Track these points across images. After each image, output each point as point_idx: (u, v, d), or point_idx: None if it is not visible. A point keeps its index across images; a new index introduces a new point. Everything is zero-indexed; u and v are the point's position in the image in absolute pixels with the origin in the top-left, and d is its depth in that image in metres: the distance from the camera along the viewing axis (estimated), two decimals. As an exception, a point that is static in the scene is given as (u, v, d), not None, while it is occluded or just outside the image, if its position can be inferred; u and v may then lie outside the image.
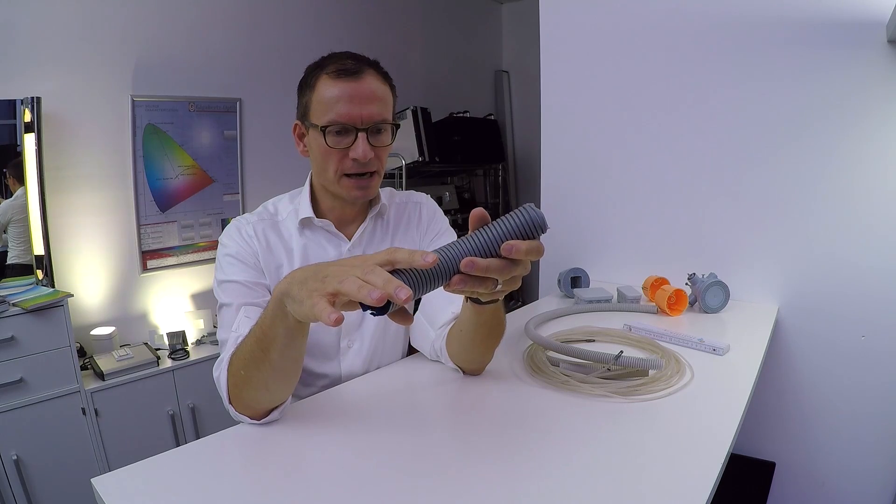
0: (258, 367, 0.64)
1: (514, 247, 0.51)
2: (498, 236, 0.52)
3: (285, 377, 0.66)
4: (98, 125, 1.96)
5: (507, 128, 3.76)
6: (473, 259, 0.51)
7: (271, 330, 0.60)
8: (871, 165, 1.14)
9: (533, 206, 0.52)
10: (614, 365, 0.81)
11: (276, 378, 0.66)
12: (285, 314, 0.58)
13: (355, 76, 0.80)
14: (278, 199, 0.95)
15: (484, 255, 0.52)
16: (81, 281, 1.95)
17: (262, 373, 0.64)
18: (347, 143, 0.81)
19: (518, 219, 0.52)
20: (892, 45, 1.08)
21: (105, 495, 0.55)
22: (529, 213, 0.51)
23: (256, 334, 0.64)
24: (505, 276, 0.53)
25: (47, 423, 1.63)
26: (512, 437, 0.67)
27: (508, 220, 0.52)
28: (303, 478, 0.59)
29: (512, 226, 0.52)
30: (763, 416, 1.32)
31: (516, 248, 0.51)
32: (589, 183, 1.55)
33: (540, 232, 0.52)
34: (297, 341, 0.62)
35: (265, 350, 0.62)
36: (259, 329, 0.63)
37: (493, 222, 0.53)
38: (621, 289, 1.32)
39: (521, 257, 0.51)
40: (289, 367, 0.65)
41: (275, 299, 0.58)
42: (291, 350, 0.63)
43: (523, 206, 0.52)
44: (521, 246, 0.51)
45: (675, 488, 0.56)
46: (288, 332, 0.59)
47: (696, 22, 1.30)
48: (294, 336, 0.61)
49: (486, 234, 0.52)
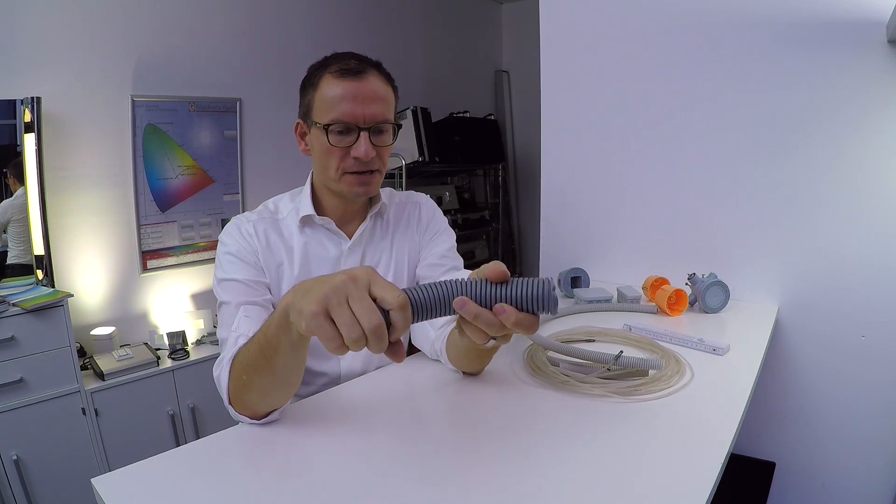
0: (260, 374, 0.64)
1: (504, 311, 0.50)
2: (502, 296, 0.50)
3: (286, 384, 0.67)
4: (98, 125, 1.96)
5: (507, 128, 3.76)
6: (466, 300, 0.50)
7: (275, 339, 0.60)
8: (871, 166, 1.14)
9: (551, 282, 0.51)
10: (614, 365, 0.81)
11: (277, 385, 0.66)
12: (289, 325, 0.57)
13: (359, 76, 0.80)
14: (279, 198, 0.95)
15: (482, 305, 0.51)
16: (81, 281, 1.95)
17: (264, 379, 0.64)
18: (349, 142, 0.81)
19: (530, 290, 0.50)
20: (892, 45, 1.08)
21: (105, 495, 0.55)
22: (545, 290, 0.50)
23: (260, 342, 0.63)
24: (493, 332, 0.51)
25: (47, 423, 1.63)
26: (512, 437, 0.67)
27: (521, 286, 0.50)
28: (303, 478, 0.59)
29: (522, 293, 0.50)
30: (763, 416, 1.32)
31: (506, 315, 0.49)
32: (589, 183, 1.55)
33: (546, 312, 0.51)
34: (299, 352, 0.62)
35: (268, 358, 0.62)
36: (263, 337, 0.63)
37: (507, 281, 0.51)
38: (621, 289, 1.32)
39: (509, 325, 0.50)
40: (291, 375, 0.66)
41: (280, 311, 0.58)
42: (294, 360, 0.63)
43: (542, 279, 0.51)
44: (511, 316, 0.49)
45: (675, 488, 0.55)
46: (291, 343, 0.59)
47: (696, 22, 1.30)
48: (297, 348, 0.60)
49: (493, 289, 0.51)
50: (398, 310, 0.48)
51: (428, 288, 0.51)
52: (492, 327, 0.51)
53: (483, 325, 0.51)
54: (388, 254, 0.96)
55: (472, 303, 0.50)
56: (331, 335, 0.49)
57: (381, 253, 0.95)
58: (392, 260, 0.96)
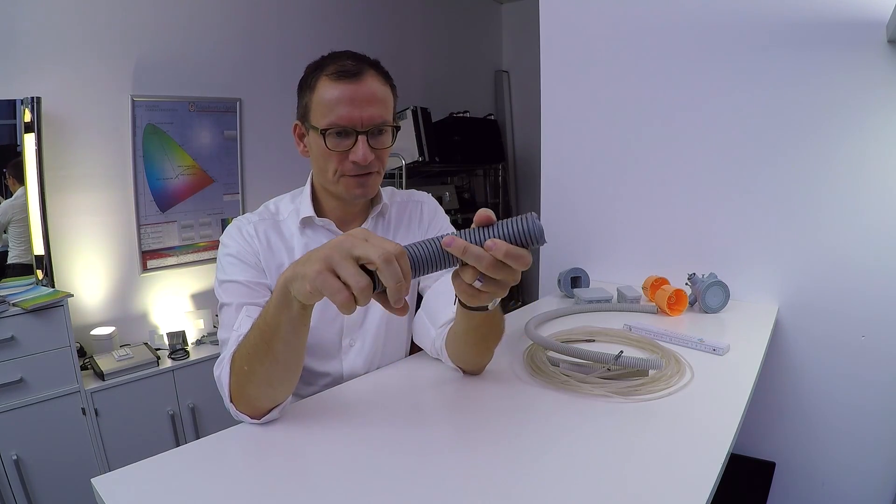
0: (261, 361, 0.64)
1: (495, 245, 0.52)
2: (493, 235, 0.52)
3: (287, 370, 0.66)
4: (98, 125, 1.96)
5: (507, 128, 3.76)
6: (454, 237, 0.53)
7: (274, 319, 0.61)
8: (871, 166, 1.14)
9: (535, 216, 0.53)
10: (614, 365, 0.81)
11: (278, 371, 0.65)
12: (289, 301, 0.58)
13: (355, 77, 0.79)
14: (279, 199, 0.95)
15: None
16: (81, 281, 1.96)
17: (265, 366, 0.64)
18: (347, 146, 0.81)
19: (517, 226, 0.52)
20: (892, 45, 1.08)
21: (105, 495, 0.55)
22: (529, 222, 0.52)
23: (259, 326, 0.64)
24: (484, 267, 0.53)
25: (47, 423, 1.63)
26: (512, 437, 0.67)
27: (507, 224, 0.53)
28: (303, 477, 0.59)
29: (509, 231, 0.52)
30: (763, 416, 1.32)
31: (497, 248, 0.51)
32: (589, 183, 1.55)
33: (536, 243, 0.53)
34: (299, 330, 0.62)
35: (268, 341, 0.63)
36: (262, 320, 0.63)
37: (494, 223, 0.54)
38: (621, 289, 1.32)
39: (500, 257, 0.52)
40: (291, 359, 0.65)
41: (279, 287, 0.59)
42: (294, 339, 0.63)
43: (526, 214, 0.53)
44: (502, 247, 0.51)
45: (675, 488, 0.55)
46: (291, 320, 0.60)
47: (695, 22, 1.30)
48: (297, 325, 0.61)
49: (482, 232, 0.53)
50: (400, 255, 0.52)
51: (423, 243, 0.55)
52: (482, 261, 0.52)
53: (473, 261, 0.53)
54: None
55: (460, 239, 0.53)
56: (337, 287, 0.52)
57: None
58: None
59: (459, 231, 0.55)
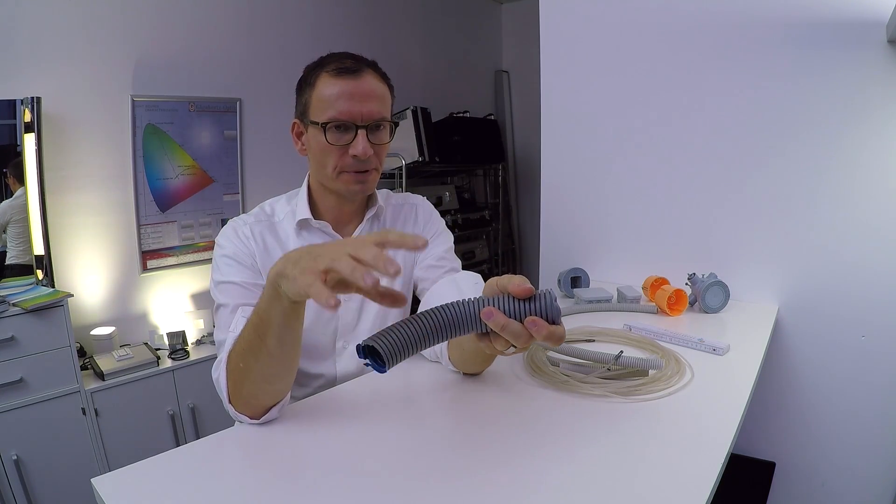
0: (256, 357, 0.64)
1: (535, 325, 0.52)
2: (518, 308, 0.53)
3: (283, 366, 0.67)
4: (98, 125, 1.96)
5: (507, 128, 3.76)
6: (493, 310, 0.52)
7: (266, 314, 0.61)
8: (872, 166, 1.14)
9: (553, 296, 0.53)
10: (614, 365, 0.81)
11: (273, 366, 0.65)
12: (279, 296, 0.58)
13: (355, 74, 0.81)
14: (275, 201, 0.95)
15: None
16: (81, 281, 1.95)
17: (260, 362, 0.64)
18: (347, 140, 0.82)
19: (541, 303, 0.53)
20: (892, 45, 1.08)
21: (105, 495, 0.55)
22: (548, 301, 0.53)
23: (253, 322, 0.64)
24: (519, 343, 0.53)
25: (47, 423, 1.63)
26: (511, 438, 0.67)
27: (538, 300, 0.53)
28: (302, 478, 0.59)
29: (537, 307, 0.53)
30: (763, 416, 1.32)
31: (538, 328, 0.52)
32: (589, 183, 1.55)
33: (551, 321, 0.53)
34: (292, 324, 0.62)
35: (262, 336, 0.63)
36: (255, 316, 0.64)
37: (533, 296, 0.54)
38: (621, 289, 1.31)
39: (540, 339, 0.52)
40: (286, 353, 0.65)
41: (269, 282, 0.59)
42: (287, 334, 0.63)
43: (543, 291, 0.54)
44: (543, 329, 0.52)
45: (675, 488, 0.56)
46: (283, 314, 0.60)
47: (695, 22, 1.30)
48: (289, 319, 0.61)
49: (510, 302, 0.53)
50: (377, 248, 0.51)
51: (467, 304, 0.54)
52: (519, 338, 0.53)
53: (510, 337, 0.53)
54: None
55: (500, 313, 0.52)
56: (324, 293, 0.49)
57: None
58: None
59: (494, 299, 0.54)
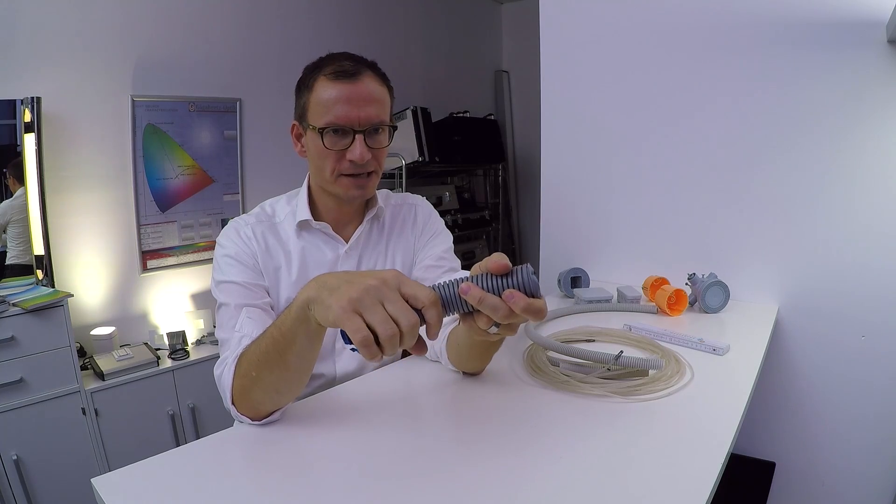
0: (271, 370, 0.64)
1: (513, 297, 0.52)
2: (509, 285, 0.54)
3: (297, 380, 0.67)
4: (98, 125, 1.96)
5: (507, 128, 3.76)
6: (470, 284, 0.54)
7: (291, 333, 0.60)
8: (871, 166, 1.14)
9: (531, 269, 0.54)
10: (614, 365, 0.81)
11: (287, 381, 0.66)
12: (307, 318, 0.57)
13: (353, 78, 0.80)
14: (276, 201, 0.95)
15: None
16: (81, 281, 1.95)
17: (275, 375, 0.65)
18: (345, 145, 0.81)
19: (517, 277, 0.54)
20: (892, 45, 1.08)
21: (105, 495, 0.55)
22: (525, 275, 0.54)
23: (273, 336, 0.63)
24: (500, 319, 0.54)
25: (47, 423, 1.63)
26: (511, 437, 0.67)
27: (517, 273, 0.54)
28: (303, 477, 0.59)
29: (514, 282, 0.54)
30: (763, 416, 1.32)
31: (515, 300, 0.52)
32: (589, 183, 1.55)
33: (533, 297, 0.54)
34: (315, 344, 0.63)
35: (282, 353, 0.62)
36: (277, 331, 0.63)
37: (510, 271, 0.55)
38: (621, 289, 1.31)
39: (518, 311, 0.52)
40: (303, 369, 0.66)
41: (299, 304, 0.58)
42: (309, 353, 0.63)
43: (522, 266, 0.54)
44: (520, 301, 0.52)
45: (675, 488, 0.55)
46: (308, 336, 0.60)
47: (695, 23, 1.30)
48: (313, 339, 0.61)
49: (495, 280, 0.54)
50: (430, 307, 0.52)
51: (447, 286, 0.55)
52: (498, 311, 0.53)
53: (489, 311, 0.53)
54: (383, 257, 0.96)
55: (477, 287, 0.54)
56: (358, 326, 0.51)
57: (378, 256, 0.95)
58: (388, 263, 0.96)
59: (474, 277, 0.56)
